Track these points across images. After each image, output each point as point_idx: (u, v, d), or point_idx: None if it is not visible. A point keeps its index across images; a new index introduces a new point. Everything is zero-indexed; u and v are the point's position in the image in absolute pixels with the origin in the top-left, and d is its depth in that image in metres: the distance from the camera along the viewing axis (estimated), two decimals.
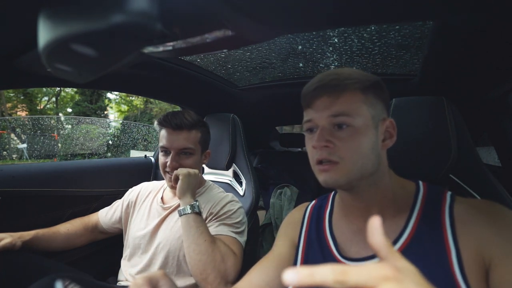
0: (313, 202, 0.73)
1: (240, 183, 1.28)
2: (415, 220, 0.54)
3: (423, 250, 0.51)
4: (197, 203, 0.89)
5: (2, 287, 0.80)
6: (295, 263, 0.64)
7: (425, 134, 0.77)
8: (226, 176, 1.33)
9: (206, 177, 1.36)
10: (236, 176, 1.32)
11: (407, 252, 0.52)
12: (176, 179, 0.93)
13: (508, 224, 0.47)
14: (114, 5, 0.31)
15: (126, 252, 1.05)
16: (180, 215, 0.88)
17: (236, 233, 0.95)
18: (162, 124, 0.99)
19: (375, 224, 0.30)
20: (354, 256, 0.57)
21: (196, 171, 0.96)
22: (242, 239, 0.97)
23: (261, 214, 1.68)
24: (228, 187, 1.31)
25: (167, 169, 0.98)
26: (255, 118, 1.82)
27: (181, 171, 0.93)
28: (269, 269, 0.64)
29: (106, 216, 1.13)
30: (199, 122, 1.03)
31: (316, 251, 0.62)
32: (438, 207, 0.54)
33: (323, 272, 0.25)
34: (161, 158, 1.00)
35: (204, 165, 1.40)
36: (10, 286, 0.80)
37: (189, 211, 0.87)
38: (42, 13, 0.35)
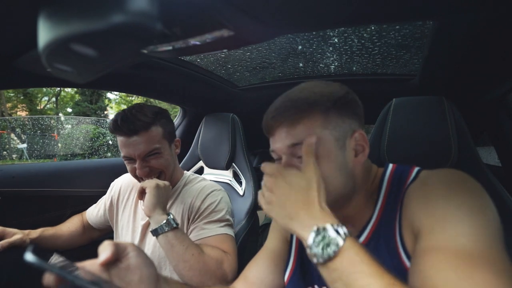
0: None
1: (240, 183, 1.28)
2: (381, 206, 0.54)
3: (383, 236, 0.51)
4: (171, 216, 0.77)
5: (13, 283, 0.80)
6: (289, 256, 0.65)
7: (425, 134, 0.77)
8: (226, 176, 1.33)
9: (205, 177, 1.35)
10: (236, 176, 1.32)
11: (371, 241, 0.53)
12: (142, 192, 0.81)
13: (443, 198, 0.44)
14: (114, 5, 0.31)
15: None
16: (156, 236, 0.76)
17: (224, 226, 0.89)
18: (114, 131, 0.85)
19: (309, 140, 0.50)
20: None
21: (167, 183, 0.84)
22: (232, 230, 0.91)
23: (261, 214, 1.68)
24: (227, 187, 1.31)
25: (138, 175, 0.88)
26: (255, 118, 1.81)
27: (148, 184, 0.80)
28: (263, 266, 0.65)
29: (92, 214, 1.10)
30: (156, 116, 0.88)
31: None
32: (402, 187, 0.53)
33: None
34: (128, 166, 0.89)
35: (204, 165, 1.40)
36: (20, 281, 0.81)
37: (166, 229, 0.75)
38: (42, 13, 0.35)
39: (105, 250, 0.45)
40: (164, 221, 0.75)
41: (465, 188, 0.44)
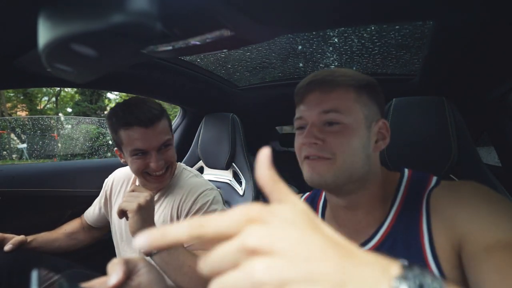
0: (307, 194, 0.73)
1: (240, 183, 1.28)
2: (396, 209, 0.53)
3: (401, 239, 0.50)
4: None
5: (18, 285, 0.80)
6: None
7: (425, 134, 0.77)
8: (226, 176, 1.33)
9: (205, 177, 1.35)
10: (235, 176, 1.32)
11: (385, 243, 0.52)
12: (123, 213, 0.73)
13: (482, 203, 0.45)
14: (114, 5, 0.31)
15: (117, 250, 0.99)
16: (151, 256, 0.71)
17: None
18: (129, 123, 0.79)
19: (263, 155, 0.24)
20: None
21: (149, 196, 0.73)
22: None
23: None
24: (227, 186, 1.31)
25: (150, 171, 0.84)
26: (255, 118, 1.81)
27: (129, 207, 0.71)
28: None
29: (90, 213, 1.09)
30: (161, 108, 0.86)
31: None
32: (421, 192, 0.53)
33: (177, 229, 0.22)
34: (137, 162, 0.83)
35: (203, 165, 1.40)
36: (25, 283, 0.82)
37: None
38: (42, 13, 0.35)
39: (115, 270, 0.42)
40: None
41: (497, 195, 0.47)
